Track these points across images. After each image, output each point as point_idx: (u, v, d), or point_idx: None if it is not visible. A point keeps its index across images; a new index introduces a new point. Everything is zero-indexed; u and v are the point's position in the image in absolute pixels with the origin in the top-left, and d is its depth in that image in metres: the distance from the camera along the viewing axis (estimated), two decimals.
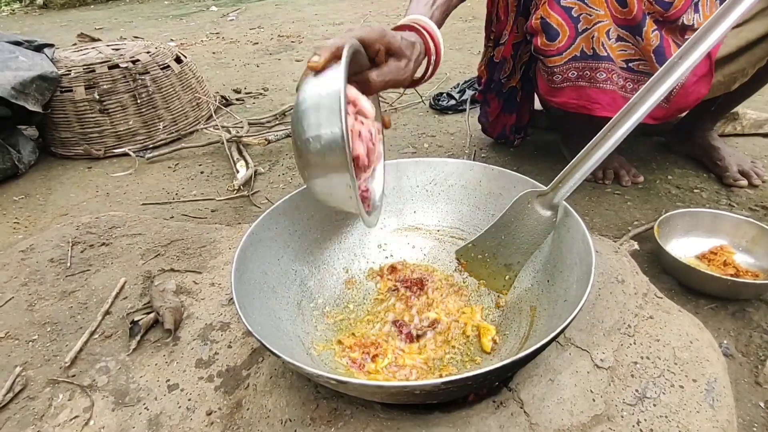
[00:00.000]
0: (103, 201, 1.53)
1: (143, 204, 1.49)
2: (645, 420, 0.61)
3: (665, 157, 1.50)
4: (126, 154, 1.77)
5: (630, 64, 1.09)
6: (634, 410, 0.62)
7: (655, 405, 0.62)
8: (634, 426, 0.60)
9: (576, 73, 1.12)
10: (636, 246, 1.07)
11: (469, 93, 1.97)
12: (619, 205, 1.30)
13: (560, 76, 1.13)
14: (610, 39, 1.07)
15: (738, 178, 1.31)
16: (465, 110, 1.92)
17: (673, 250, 1.05)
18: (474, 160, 1.56)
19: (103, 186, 1.62)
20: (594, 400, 0.62)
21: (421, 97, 2.04)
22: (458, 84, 2.09)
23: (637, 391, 0.64)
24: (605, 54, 1.08)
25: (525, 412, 0.59)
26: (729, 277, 0.95)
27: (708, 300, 0.98)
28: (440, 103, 1.96)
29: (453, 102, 1.94)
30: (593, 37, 1.06)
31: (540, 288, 0.70)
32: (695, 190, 1.34)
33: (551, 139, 1.63)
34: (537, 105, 1.56)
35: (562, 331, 0.49)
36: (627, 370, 0.66)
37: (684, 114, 1.37)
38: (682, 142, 1.46)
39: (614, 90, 1.12)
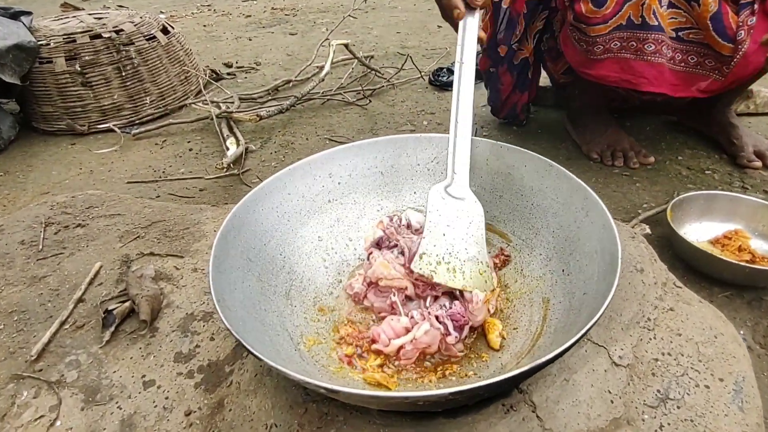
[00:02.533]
0: (86, 179, 1.45)
1: (128, 182, 1.41)
2: (669, 424, 0.55)
3: (675, 136, 1.43)
4: (111, 130, 1.68)
5: (680, 33, 1.01)
6: (656, 413, 0.56)
7: (678, 407, 0.57)
8: (656, 430, 0.54)
9: (619, 44, 1.03)
10: (648, 230, 1.01)
11: None
12: (628, 187, 1.23)
13: (601, 47, 1.05)
14: (662, 6, 0.99)
15: (752, 159, 1.25)
16: None
17: (686, 234, 0.99)
18: None
19: (87, 163, 1.54)
20: (612, 402, 0.56)
21: (420, 72, 1.95)
22: None
23: (658, 391, 0.58)
24: (656, 23, 1.00)
25: (537, 416, 0.53)
26: (747, 264, 0.89)
27: (722, 287, 0.93)
28: (440, 78, 1.88)
29: (453, 77, 1.86)
30: (644, 4, 0.98)
31: (554, 278, 0.64)
32: (707, 172, 1.28)
33: (556, 118, 1.56)
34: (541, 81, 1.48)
35: (586, 333, 0.43)
36: (647, 368, 0.60)
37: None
38: (697, 120, 1.39)
39: (662, 63, 1.04)
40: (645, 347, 0.62)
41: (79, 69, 1.64)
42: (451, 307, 0.60)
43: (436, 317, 0.58)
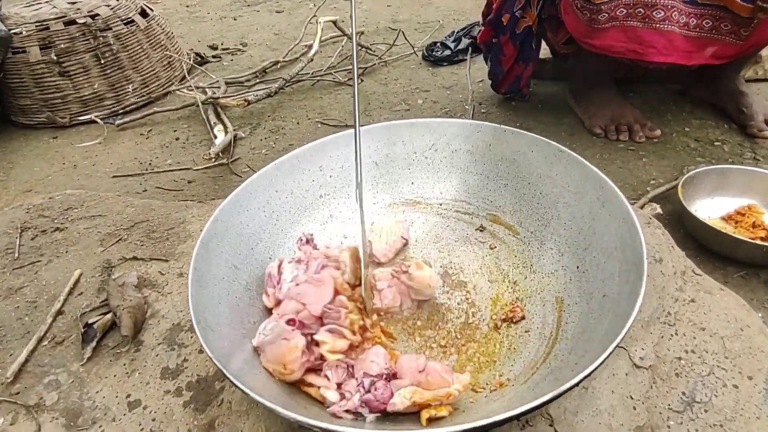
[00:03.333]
0: (70, 174, 1.39)
1: (114, 176, 1.35)
2: (696, 430, 0.51)
3: (681, 107, 1.37)
4: (93, 122, 1.61)
5: None
6: (682, 418, 0.52)
7: (706, 411, 0.52)
8: None
9: (625, 11, 0.97)
10: (658, 209, 0.96)
11: (465, 42, 1.81)
12: (634, 163, 1.18)
13: (606, 15, 0.98)
14: None
15: (763, 128, 1.19)
16: (461, 61, 1.76)
17: (697, 211, 0.94)
18: (473, 117, 1.42)
19: (70, 157, 1.48)
20: (635, 408, 0.52)
21: (413, 47, 1.87)
22: (453, 32, 1.92)
23: (683, 394, 0.54)
24: None
25: (555, 430, 0.49)
26: (764, 243, 0.85)
27: (737, 267, 0.88)
28: (434, 53, 1.80)
29: (448, 52, 1.78)
30: None
31: (568, 275, 0.59)
32: (716, 143, 1.22)
33: (557, 91, 1.49)
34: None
35: (616, 347, 0.38)
36: (670, 368, 0.56)
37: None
38: (705, 88, 1.33)
39: (672, 30, 0.98)
40: (667, 345, 0.58)
41: (54, 58, 1.56)
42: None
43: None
